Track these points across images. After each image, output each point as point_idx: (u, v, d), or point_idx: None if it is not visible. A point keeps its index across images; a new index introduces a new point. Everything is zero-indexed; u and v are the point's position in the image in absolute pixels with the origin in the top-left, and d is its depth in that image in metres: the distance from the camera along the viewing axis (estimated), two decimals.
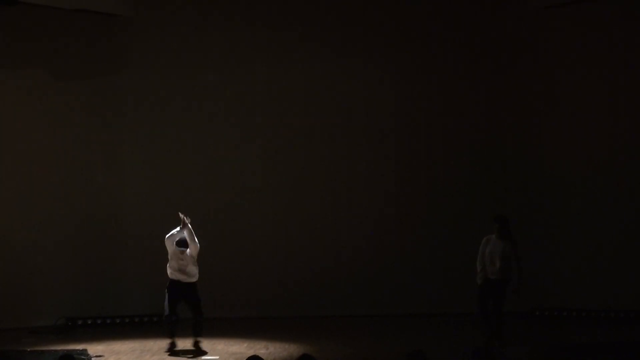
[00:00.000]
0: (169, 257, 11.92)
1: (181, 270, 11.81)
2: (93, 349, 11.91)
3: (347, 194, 15.39)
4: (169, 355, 11.69)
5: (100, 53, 15.01)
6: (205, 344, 11.98)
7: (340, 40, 15.46)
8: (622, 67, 14.58)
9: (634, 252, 14.23)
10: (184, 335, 12.04)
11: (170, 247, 11.87)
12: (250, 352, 11.14)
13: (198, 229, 12.10)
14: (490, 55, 15.37)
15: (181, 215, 11.91)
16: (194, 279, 11.95)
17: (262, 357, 10.91)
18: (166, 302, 11.85)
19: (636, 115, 14.49)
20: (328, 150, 15.43)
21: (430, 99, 15.47)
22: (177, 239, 11.83)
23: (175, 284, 11.86)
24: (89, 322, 14.31)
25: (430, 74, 15.45)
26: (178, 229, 11.95)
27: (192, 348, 11.78)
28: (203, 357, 10.28)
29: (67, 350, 11.24)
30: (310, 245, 15.26)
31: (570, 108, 14.90)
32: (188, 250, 11.78)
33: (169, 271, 11.91)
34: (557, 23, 14.99)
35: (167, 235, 11.97)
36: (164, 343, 12.29)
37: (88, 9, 14.60)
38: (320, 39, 15.45)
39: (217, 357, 11.40)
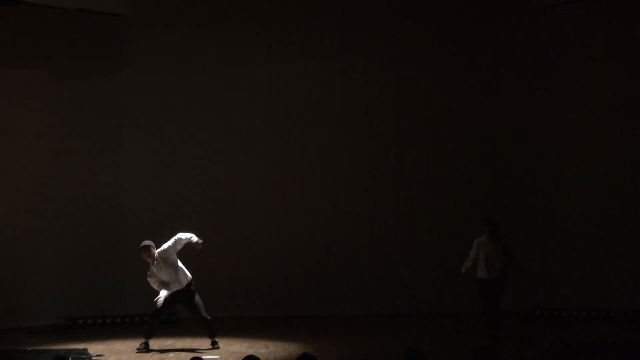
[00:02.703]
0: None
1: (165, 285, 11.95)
2: (93, 348, 11.93)
3: (346, 194, 15.37)
4: (171, 354, 11.72)
5: (101, 53, 15.02)
6: (207, 343, 12.02)
7: (340, 39, 15.44)
8: (623, 66, 14.57)
9: (633, 252, 14.22)
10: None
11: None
12: (251, 352, 11.14)
13: (198, 229, 12.12)
14: (490, 55, 15.36)
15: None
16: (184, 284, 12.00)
17: (263, 356, 10.99)
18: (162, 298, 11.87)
19: (636, 115, 14.49)
20: (327, 150, 15.42)
21: (430, 98, 15.46)
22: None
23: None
24: (89, 321, 14.32)
25: (430, 73, 15.44)
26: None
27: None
28: (204, 357, 10.29)
29: (68, 350, 11.27)
30: (310, 245, 15.26)
31: (570, 107, 14.90)
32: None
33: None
34: (557, 23, 14.99)
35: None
36: (164, 342, 12.31)
37: (88, 8, 14.59)
38: (319, 38, 15.44)
39: (217, 357, 11.41)
